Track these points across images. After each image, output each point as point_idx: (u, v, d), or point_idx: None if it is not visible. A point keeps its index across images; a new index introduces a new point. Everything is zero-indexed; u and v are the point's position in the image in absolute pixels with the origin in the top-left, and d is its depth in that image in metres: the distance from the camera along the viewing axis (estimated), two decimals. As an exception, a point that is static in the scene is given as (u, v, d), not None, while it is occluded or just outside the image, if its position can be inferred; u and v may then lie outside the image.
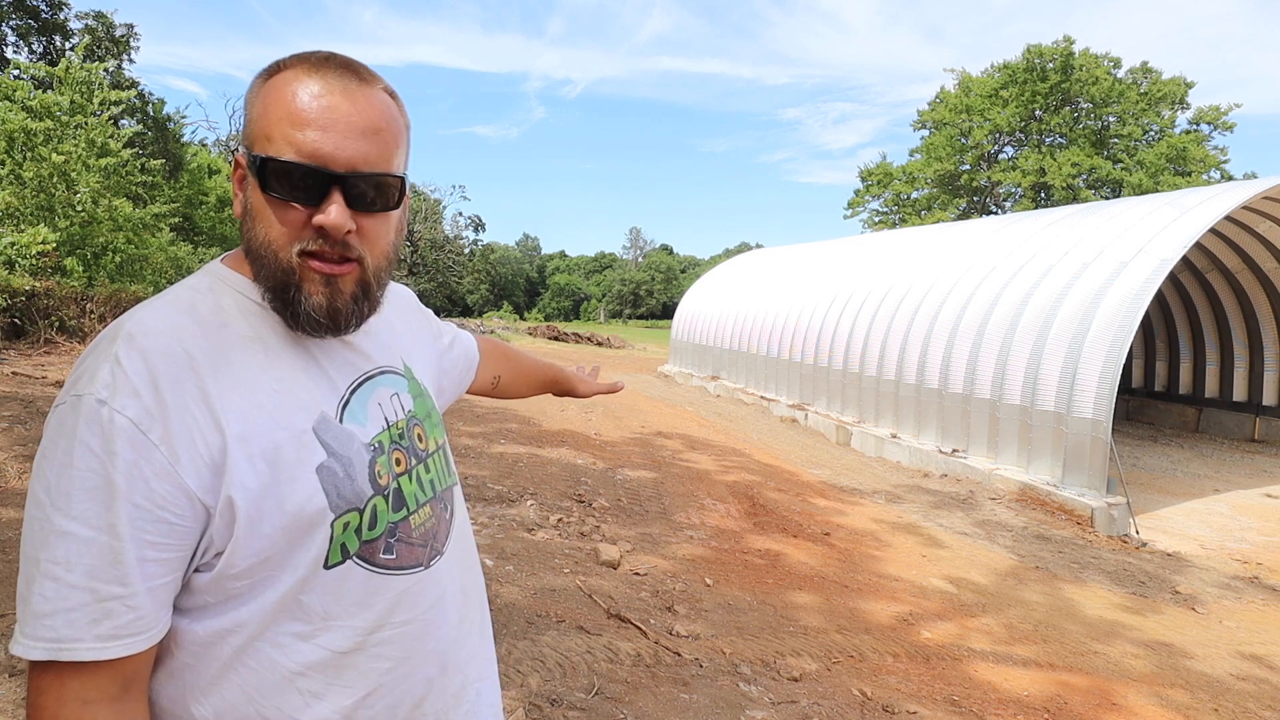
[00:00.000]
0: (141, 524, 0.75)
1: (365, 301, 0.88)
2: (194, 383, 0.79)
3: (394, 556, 0.90)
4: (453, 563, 1.01)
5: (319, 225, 0.81)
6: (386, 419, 0.94)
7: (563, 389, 1.67)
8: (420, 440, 0.99)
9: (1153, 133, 31.00)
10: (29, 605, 0.74)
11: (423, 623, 0.94)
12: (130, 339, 0.79)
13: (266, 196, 0.82)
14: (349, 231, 0.82)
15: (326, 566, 0.85)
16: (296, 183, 0.81)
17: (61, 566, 0.73)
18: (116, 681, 0.77)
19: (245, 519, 0.79)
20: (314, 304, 0.84)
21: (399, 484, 0.93)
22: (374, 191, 0.84)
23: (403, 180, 0.88)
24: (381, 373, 0.97)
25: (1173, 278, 11.24)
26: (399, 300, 1.14)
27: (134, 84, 18.21)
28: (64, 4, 19.09)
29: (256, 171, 0.82)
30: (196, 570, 0.82)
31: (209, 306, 0.86)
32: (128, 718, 0.78)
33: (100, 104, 13.39)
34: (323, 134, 0.80)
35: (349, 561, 0.86)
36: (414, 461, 0.97)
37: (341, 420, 0.88)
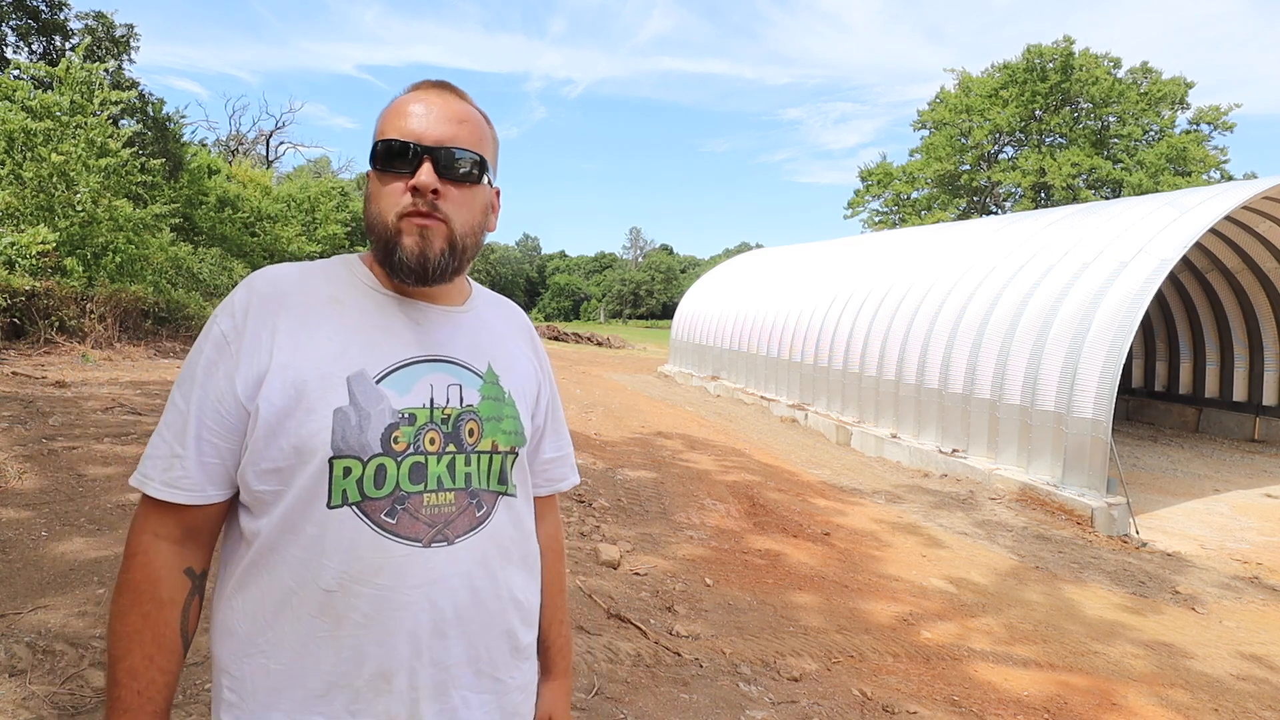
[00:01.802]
0: (205, 409, 0.98)
1: (452, 258, 1.04)
2: (271, 319, 1.00)
3: (394, 522, 0.98)
4: (464, 559, 1.02)
5: (413, 186, 1.00)
6: (433, 400, 1.04)
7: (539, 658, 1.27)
8: (471, 435, 1.06)
9: (1153, 133, 30.98)
10: (146, 451, 1.02)
11: (407, 596, 0.98)
12: (250, 279, 1.05)
13: (377, 174, 1.03)
14: (435, 191, 1.00)
15: (329, 506, 0.96)
16: (396, 154, 1.01)
17: (165, 426, 1.01)
18: (180, 527, 1.01)
19: (265, 426, 0.97)
20: (407, 249, 1.01)
21: (426, 461, 1.01)
22: (457, 162, 1.02)
23: (483, 160, 1.05)
24: (446, 362, 1.07)
25: (1173, 278, 11.23)
26: (514, 316, 1.26)
27: (134, 84, 18.20)
28: (64, 4, 19.07)
29: (372, 156, 1.03)
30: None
31: (323, 271, 1.08)
32: (184, 557, 1.01)
33: (100, 104, 13.39)
34: (418, 119, 1.02)
35: (347, 508, 0.97)
36: (452, 448, 1.03)
37: (379, 382, 1.00)
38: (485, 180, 1.06)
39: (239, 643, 0.99)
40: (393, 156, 1.01)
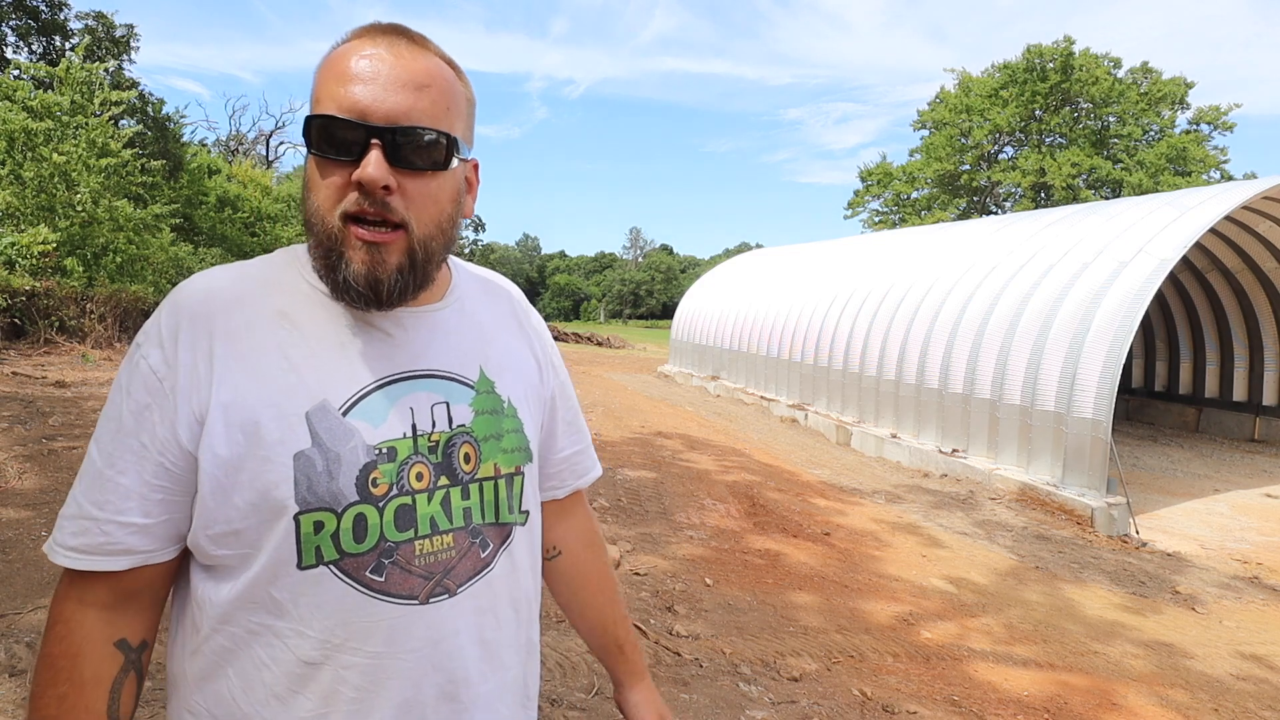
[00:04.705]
0: (141, 463, 0.80)
1: (412, 274, 0.83)
2: (207, 343, 0.81)
3: (382, 579, 0.82)
4: (470, 610, 0.88)
5: (357, 180, 0.78)
6: (415, 426, 0.86)
7: (610, 666, 1.20)
8: (467, 462, 0.89)
9: (1153, 133, 30.98)
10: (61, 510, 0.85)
11: (404, 662, 0.83)
12: (175, 295, 0.85)
13: (314, 158, 0.81)
14: (386, 188, 0.78)
15: (300, 567, 0.81)
16: (335, 137, 0.79)
17: (78, 480, 0.83)
18: (112, 592, 0.83)
19: (212, 482, 0.80)
20: (354, 271, 0.80)
21: (414, 501, 0.84)
22: (416, 147, 0.79)
23: (452, 140, 0.82)
24: (428, 376, 0.88)
25: (1173, 278, 11.23)
26: (501, 297, 1.04)
27: (134, 84, 18.20)
28: (64, 4, 19.07)
29: (305, 134, 0.81)
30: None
31: (262, 277, 0.87)
32: (116, 627, 0.84)
33: (100, 104, 13.39)
34: (364, 87, 0.78)
35: (323, 567, 0.81)
36: (445, 480, 0.87)
37: (346, 414, 0.82)
38: (455, 160, 0.84)
39: None
40: (331, 139, 0.79)
